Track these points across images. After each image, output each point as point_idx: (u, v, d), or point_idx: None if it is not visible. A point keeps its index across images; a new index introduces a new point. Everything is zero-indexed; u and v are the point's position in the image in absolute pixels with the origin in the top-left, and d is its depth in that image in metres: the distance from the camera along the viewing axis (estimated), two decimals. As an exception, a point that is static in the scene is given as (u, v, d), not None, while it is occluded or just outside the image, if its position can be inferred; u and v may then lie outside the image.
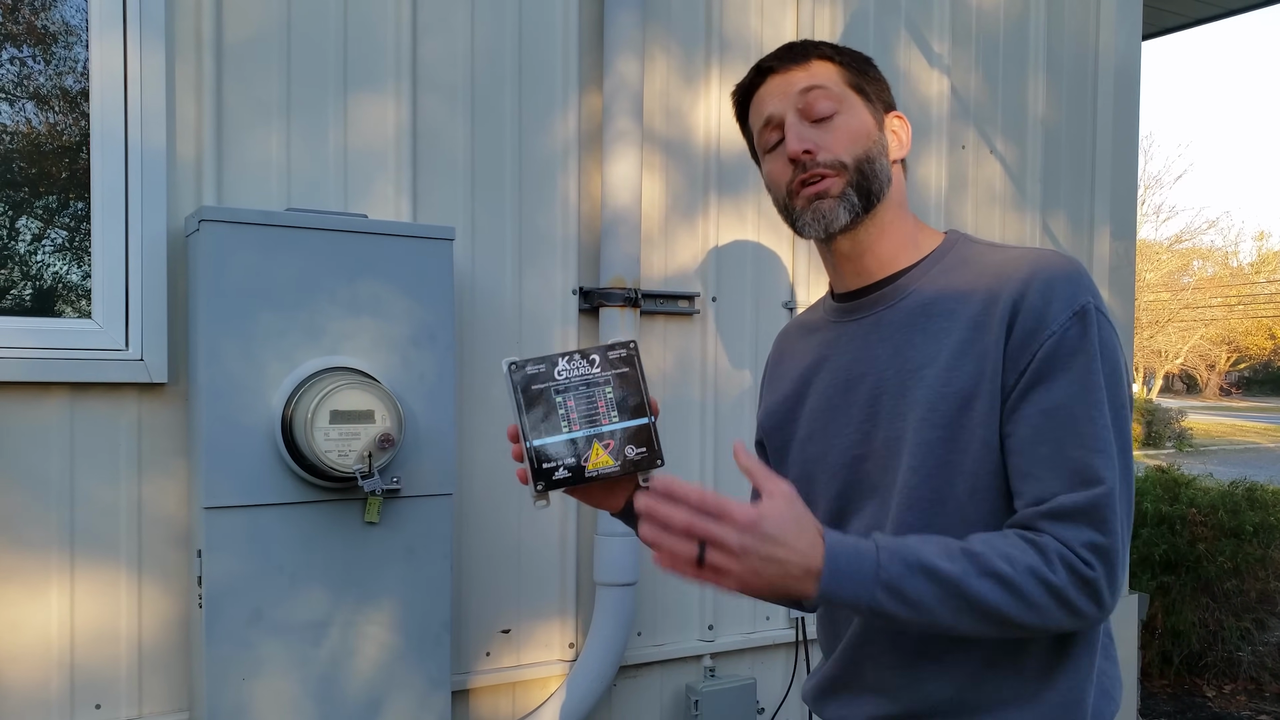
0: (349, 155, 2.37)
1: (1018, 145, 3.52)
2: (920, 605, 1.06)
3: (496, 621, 2.53)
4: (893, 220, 1.28)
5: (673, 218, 2.79)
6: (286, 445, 2.06)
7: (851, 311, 1.31)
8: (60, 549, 2.08)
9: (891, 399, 1.20)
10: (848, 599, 1.07)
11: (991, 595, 1.06)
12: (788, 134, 1.24)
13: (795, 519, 1.05)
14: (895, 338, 1.23)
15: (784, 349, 1.47)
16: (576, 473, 1.17)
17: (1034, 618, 1.08)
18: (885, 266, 1.28)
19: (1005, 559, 1.07)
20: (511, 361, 1.17)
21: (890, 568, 1.06)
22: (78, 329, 2.13)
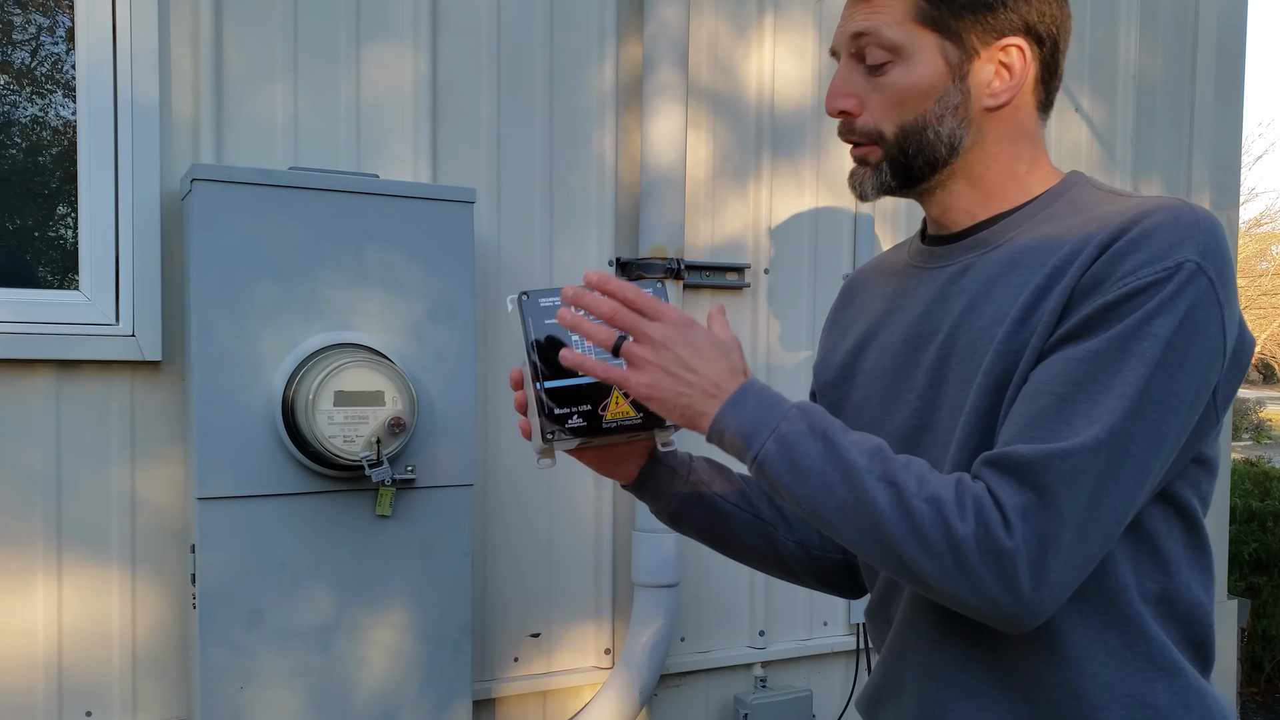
0: (362, 111, 2.20)
1: (1107, 102, 3.26)
2: (804, 475, 0.98)
3: (525, 625, 2.41)
4: (984, 173, 1.14)
5: (721, 181, 2.62)
6: (288, 430, 1.90)
7: (939, 257, 1.18)
8: (46, 543, 1.97)
9: (960, 362, 1.08)
10: (740, 435, 1.01)
11: (880, 502, 0.95)
12: (831, 82, 1.14)
13: (726, 349, 1.04)
14: (974, 290, 1.10)
15: (853, 291, 1.34)
16: (593, 422, 1.07)
17: (929, 564, 0.94)
18: (977, 215, 1.15)
19: (917, 478, 0.96)
20: (522, 294, 1.07)
21: (794, 423, 1.00)
22: (63, 301, 1.98)
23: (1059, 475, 0.91)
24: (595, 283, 1.04)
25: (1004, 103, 1.11)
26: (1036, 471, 0.92)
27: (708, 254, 2.59)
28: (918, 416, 1.13)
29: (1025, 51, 1.11)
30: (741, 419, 1.01)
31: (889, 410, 1.17)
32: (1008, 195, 1.13)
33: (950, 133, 1.10)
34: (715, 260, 2.60)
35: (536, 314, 1.08)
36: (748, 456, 1.01)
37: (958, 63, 1.09)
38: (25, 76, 2.05)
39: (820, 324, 2.72)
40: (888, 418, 1.17)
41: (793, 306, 2.72)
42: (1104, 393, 0.94)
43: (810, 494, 0.99)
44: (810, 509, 1.00)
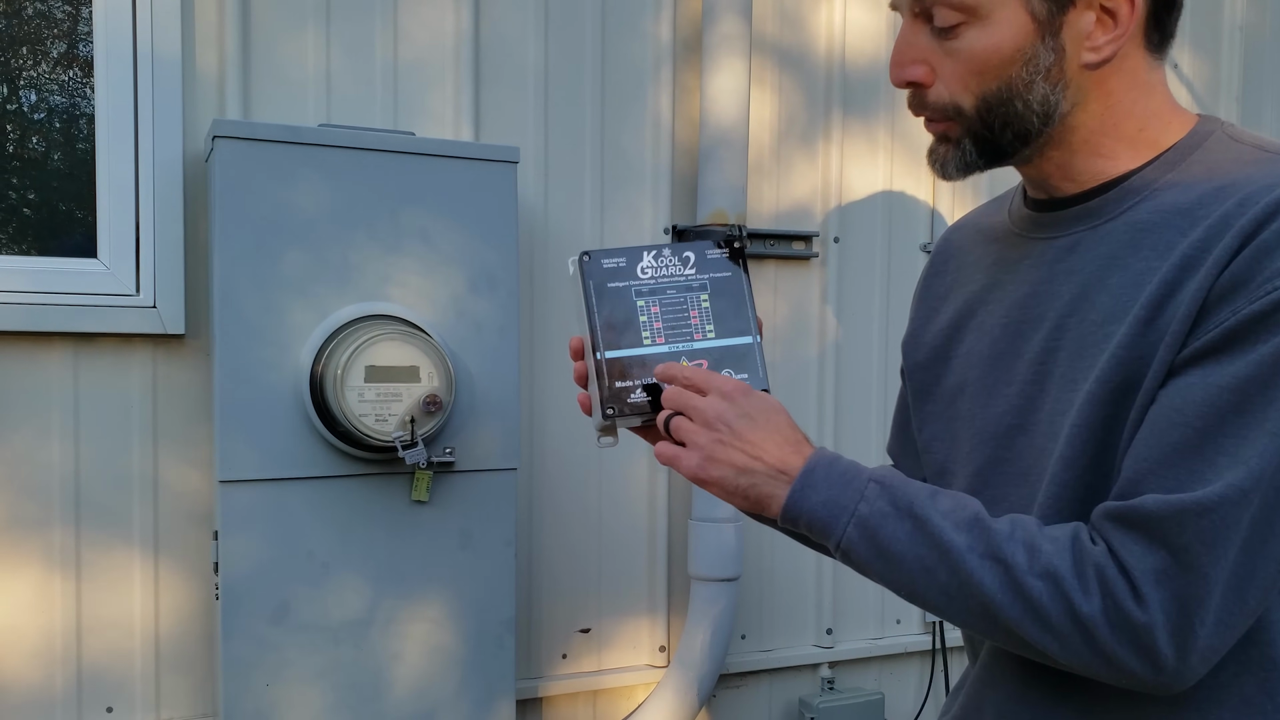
0: (399, 66, 2.09)
1: (1209, 58, 3.03)
2: (896, 562, 0.90)
3: (574, 619, 2.32)
4: (1086, 139, 0.98)
5: (787, 142, 2.49)
6: (316, 408, 1.80)
7: (1044, 226, 1.03)
8: (64, 529, 1.88)
9: (1068, 359, 0.95)
10: (816, 522, 0.93)
11: (988, 585, 0.87)
12: (895, 47, 0.99)
13: (786, 418, 0.97)
14: (1086, 273, 0.96)
15: (947, 255, 1.20)
16: (659, 397, 1.00)
17: (1055, 646, 0.85)
18: (1083, 183, 1.00)
19: (1027, 549, 0.86)
20: (584, 254, 1.02)
21: (874, 502, 0.91)
22: (80, 270, 1.88)
23: (1197, 534, 0.81)
24: (659, 375, 1.00)
25: (1108, 56, 0.95)
26: (1169, 530, 0.82)
27: (772, 221, 2.46)
28: (1015, 415, 1.01)
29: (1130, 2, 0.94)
30: (814, 505, 0.93)
31: (984, 404, 1.05)
32: (1119, 158, 0.98)
33: (1043, 99, 0.95)
34: (780, 228, 2.47)
35: (599, 276, 1.02)
36: (829, 543, 0.94)
37: (1047, 17, 0.94)
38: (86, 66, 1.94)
39: (894, 298, 2.61)
40: (981, 412, 1.05)
41: (864, 280, 2.59)
42: (1253, 427, 0.82)
43: (907, 580, 0.91)
44: (909, 595, 0.92)
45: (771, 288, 2.47)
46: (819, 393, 2.53)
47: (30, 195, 1.92)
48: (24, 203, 1.93)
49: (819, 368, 2.53)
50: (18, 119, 1.93)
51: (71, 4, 1.94)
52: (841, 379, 2.55)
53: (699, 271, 1.04)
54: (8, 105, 1.93)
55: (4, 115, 1.93)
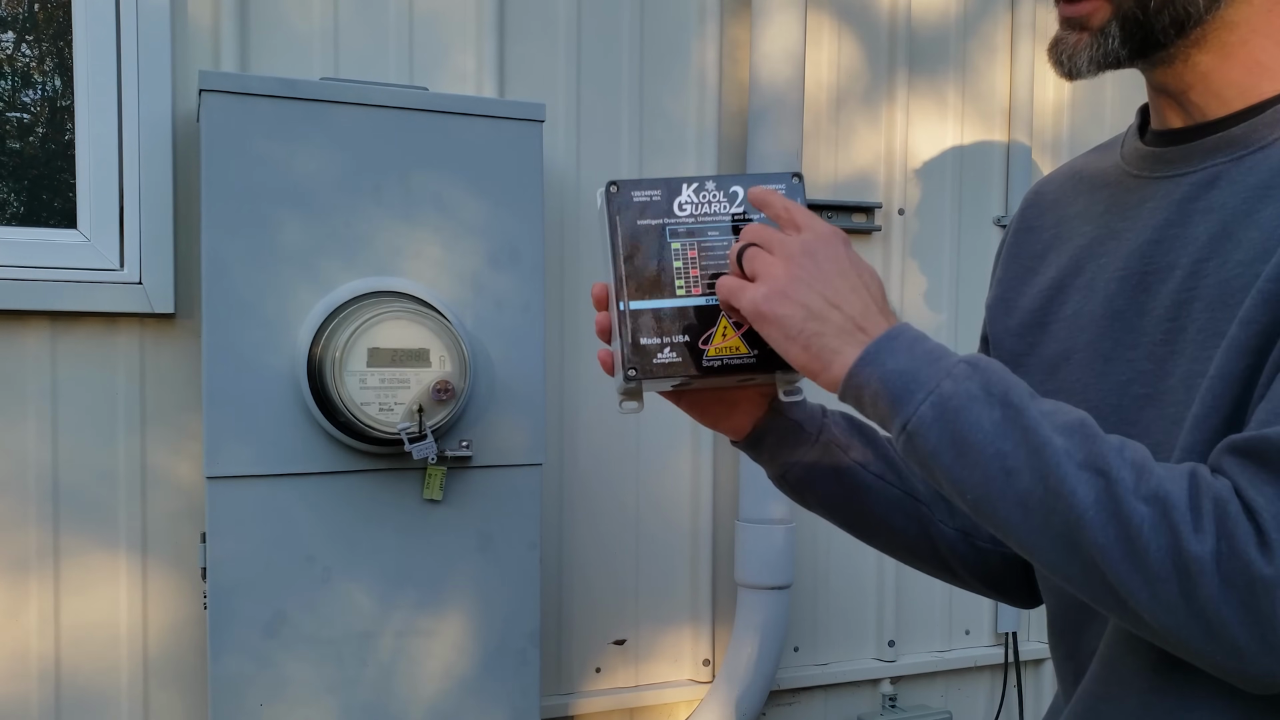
0: (415, 15, 1.98)
1: None
2: (972, 452, 0.78)
3: (608, 630, 2.24)
4: (1246, 39, 0.89)
5: (847, 103, 2.39)
6: (314, 395, 1.68)
7: (1170, 162, 0.93)
8: (41, 527, 1.78)
9: (1207, 310, 0.85)
10: (885, 392, 0.80)
11: (1081, 496, 0.74)
12: None
13: (876, 280, 0.87)
14: (1229, 209, 0.86)
15: (1042, 208, 1.09)
16: (690, 359, 0.90)
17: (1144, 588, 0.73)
18: (1231, 102, 0.90)
19: (1135, 468, 0.75)
20: (611, 183, 0.91)
21: (962, 382, 0.79)
22: (58, 242, 1.76)
23: None
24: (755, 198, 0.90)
25: None
26: None
27: (830, 191, 2.37)
28: (1142, 382, 0.90)
29: None
30: (888, 371, 0.80)
31: (1100, 372, 0.95)
32: (1271, 77, 0.89)
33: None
34: (839, 199, 2.38)
35: (629, 212, 0.91)
36: (895, 421, 0.81)
37: None
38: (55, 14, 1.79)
39: (964, 274, 2.52)
40: (1096, 382, 0.95)
41: (933, 255, 2.49)
42: None
43: (980, 478, 0.78)
44: (978, 500, 0.79)
45: None
46: None
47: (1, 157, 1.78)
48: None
49: None
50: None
51: None
52: None
53: (748, 210, 0.92)
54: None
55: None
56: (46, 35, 1.80)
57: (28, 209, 1.79)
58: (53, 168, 1.79)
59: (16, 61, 1.80)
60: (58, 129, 1.79)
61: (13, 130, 1.79)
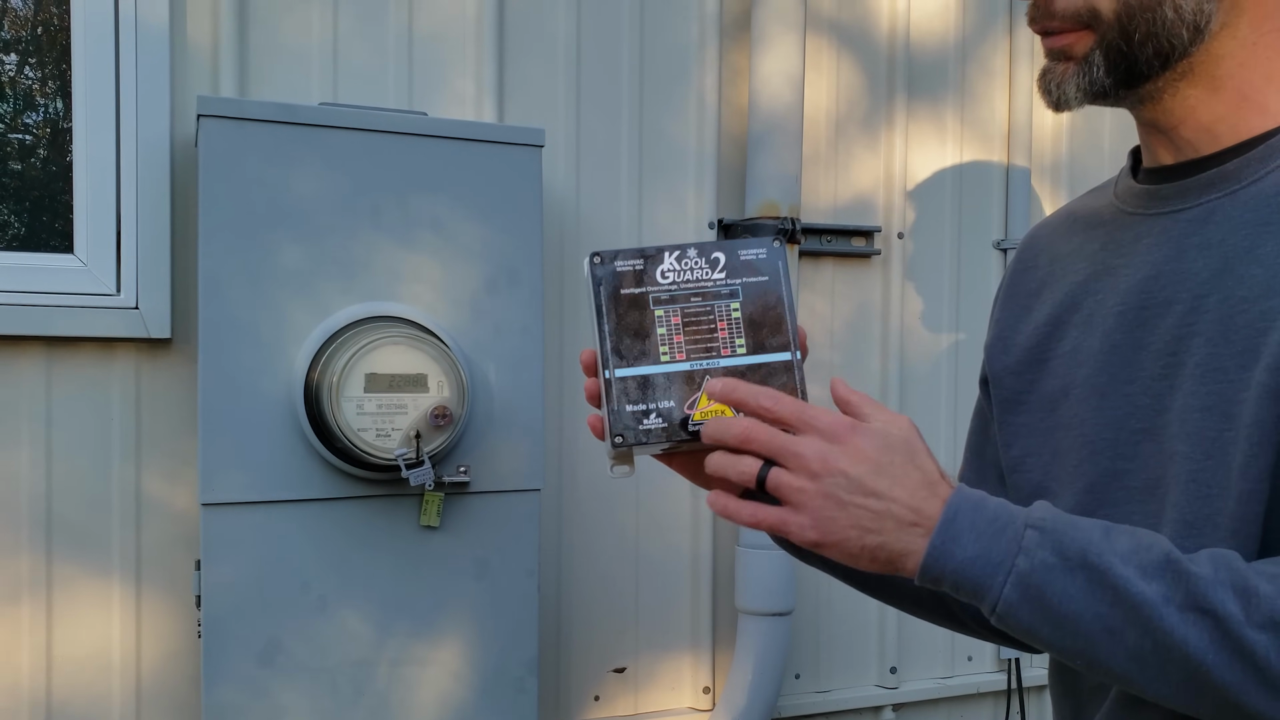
0: (415, 39, 1.97)
1: None
2: (1069, 625, 0.77)
3: (608, 657, 2.21)
4: (1234, 72, 0.89)
5: (846, 128, 2.38)
6: (311, 421, 1.66)
7: (1165, 199, 0.93)
8: (34, 553, 1.76)
9: (1209, 345, 0.85)
10: (964, 582, 0.79)
11: (1193, 644, 0.74)
12: None
13: (909, 447, 0.83)
14: (1231, 243, 0.86)
15: (1037, 249, 1.10)
16: (675, 425, 0.91)
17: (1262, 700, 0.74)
18: (1221, 137, 0.90)
19: (1240, 592, 0.74)
20: (595, 254, 0.93)
21: (1036, 553, 0.78)
22: (55, 267, 1.75)
23: None
24: (717, 394, 0.87)
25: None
26: None
27: (829, 215, 2.36)
28: (1139, 417, 0.90)
29: None
30: (960, 562, 0.79)
31: (1096, 408, 0.95)
32: (1269, 107, 0.88)
33: (1196, 7, 0.87)
34: (838, 222, 2.36)
35: (612, 281, 0.93)
36: (983, 607, 0.80)
37: None
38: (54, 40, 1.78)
39: (965, 299, 2.50)
40: (1094, 417, 0.95)
41: (932, 279, 2.47)
42: None
43: (1085, 646, 0.78)
44: (1089, 663, 0.79)
45: (829, 288, 2.34)
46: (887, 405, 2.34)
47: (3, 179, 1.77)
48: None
49: (882, 378, 2.40)
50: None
51: None
52: (907, 390, 2.43)
53: (730, 276, 0.93)
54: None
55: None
56: (50, 58, 1.79)
57: (29, 230, 1.78)
58: (53, 189, 1.78)
59: (19, 84, 1.79)
60: (60, 151, 1.78)
61: (14, 152, 1.78)
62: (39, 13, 1.77)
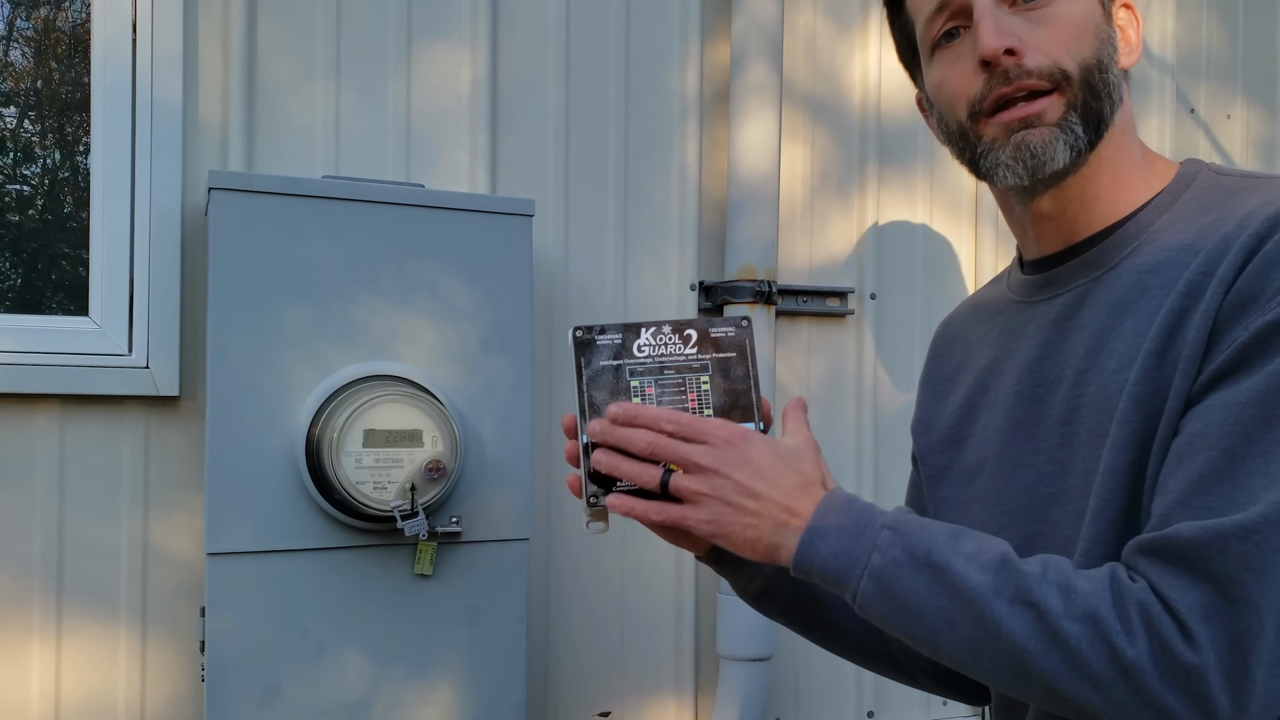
0: (412, 116, 2.03)
1: (1266, 108, 2.92)
2: (916, 614, 0.85)
3: (594, 701, 2.20)
4: (1115, 154, 0.97)
5: (820, 194, 2.41)
6: (312, 474, 1.70)
7: (1046, 286, 1.02)
8: (44, 600, 1.79)
9: (1093, 413, 0.92)
10: (829, 576, 0.89)
11: (1018, 633, 0.81)
12: (981, 23, 0.93)
13: (794, 459, 0.92)
14: (1099, 322, 0.95)
15: (950, 338, 1.18)
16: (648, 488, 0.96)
17: (1096, 696, 0.79)
18: (1097, 219, 0.98)
19: (1061, 590, 0.81)
20: (577, 328, 0.99)
21: (888, 551, 0.86)
22: (70, 329, 1.81)
23: (1242, 560, 0.76)
24: (622, 417, 0.93)
25: (1134, 62, 1.00)
26: (1211, 558, 0.77)
27: (805, 277, 2.38)
28: (1046, 484, 0.97)
29: (1136, 15, 1.01)
30: (825, 556, 0.89)
31: (1007, 478, 1.01)
32: (1131, 189, 0.97)
33: (1116, 81, 0.95)
34: (813, 284, 2.38)
35: (592, 354, 0.99)
36: (845, 596, 0.89)
37: (1104, 6, 0.97)
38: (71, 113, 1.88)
39: None
40: (1007, 487, 1.01)
41: (903, 338, 2.48)
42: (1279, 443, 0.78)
43: (928, 635, 0.86)
44: (934, 650, 0.86)
45: (805, 347, 2.37)
46: (856, 458, 2.41)
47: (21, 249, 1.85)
48: (13, 258, 1.86)
49: (856, 432, 2.42)
50: (6, 170, 1.87)
51: (68, 48, 1.89)
52: (881, 443, 2.44)
53: (700, 351, 1.00)
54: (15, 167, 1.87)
55: (8, 176, 1.87)
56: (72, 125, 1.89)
57: (42, 298, 1.85)
58: (67, 260, 1.86)
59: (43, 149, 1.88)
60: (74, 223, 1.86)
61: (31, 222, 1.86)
62: (60, 85, 1.88)
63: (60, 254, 1.88)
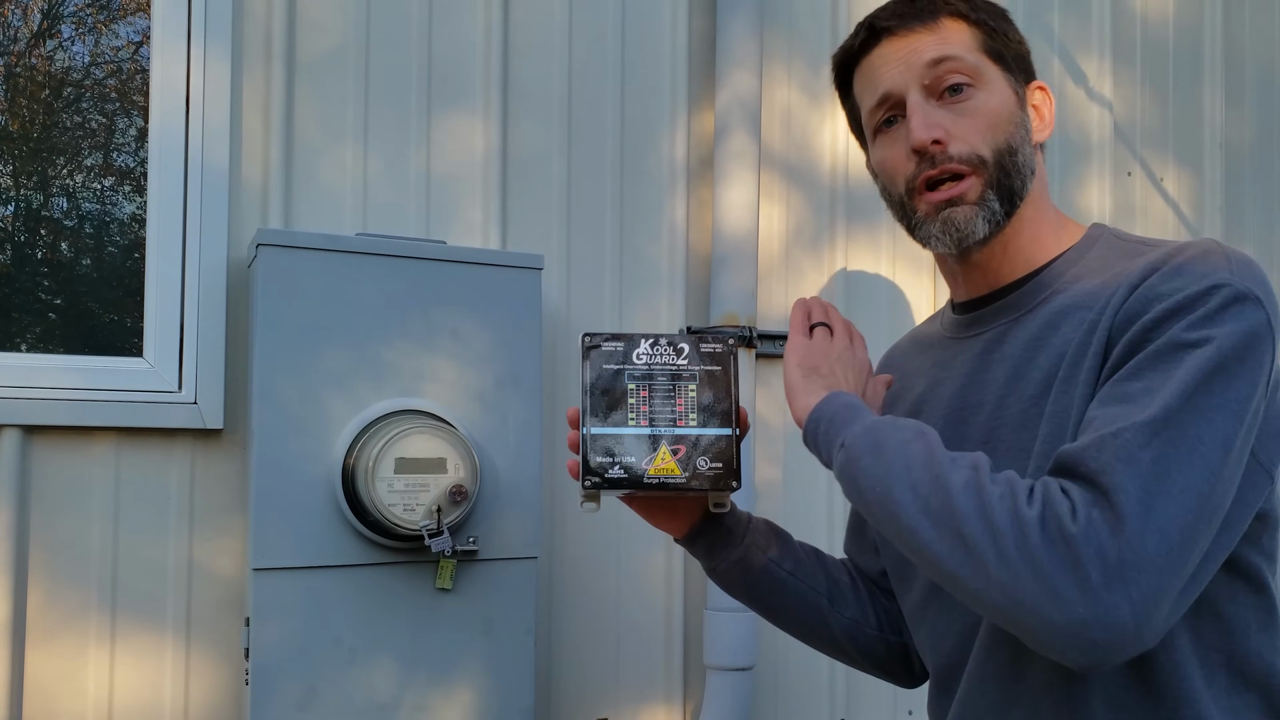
0: (432, 179, 2.20)
1: (1194, 172, 3.15)
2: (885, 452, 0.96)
3: (592, 708, 2.30)
4: (1032, 216, 1.11)
5: (795, 249, 2.58)
6: (347, 498, 1.85)
7: (973, 324, 1.16)
8: (100, 611, 1.92)
9: (1012, 432, 1.04)
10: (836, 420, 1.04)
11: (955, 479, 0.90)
12: (912, 118, 1.06)
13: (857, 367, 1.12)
14: (1017, 356, 1.07)
15: (893, 366, 1.31)
16: (634, 475, 1.08)
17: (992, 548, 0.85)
18: (1018, 269, 1.12)
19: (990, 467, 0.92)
20: (587, 334, 1.11)
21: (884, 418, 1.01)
22: (127, 369, 1.96)
23: (1113, 453, 0.85)
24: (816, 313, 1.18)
25: (1048, 137, 1.13)
26: (1091, 457, 0.87)
27: (781, 323, 2.52)
28: None
29: (1050, 96, 1.13)
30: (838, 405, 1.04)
31: None
32: (1045, 245, 1.11)
33: (1028, 159, 1.08)
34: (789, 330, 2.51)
35: (598, 358, 1.10)
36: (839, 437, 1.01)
37: (1017, 88, 1.10)
38: (127, 176, 2.08)
39: None
40: None
41: None
42: (1158, 389, 0.88)
43: (884, 472, 0.94)
44: (881, 494, 0.94)
45: (782, 387, 2.50)
46: (829, 484, 2.56)
47: (84, 299, 2.02)
48: (76, 305, 2.03)
49: None
50: (73, 229, 2.05)
51: (127, 116, 2.08)
52: None
53: (690, 363, 1.10)
54: (65, 217, 2.05)
55: (62, 226, 2.05)
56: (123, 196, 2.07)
57: (102, 341, 2.01)
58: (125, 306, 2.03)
59: (98, 217, 2.06)
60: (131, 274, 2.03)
61: (93, 274, 2.04)
62: (119, 150, 2.07)
63: (117, 302, 2.05)
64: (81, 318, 2.04)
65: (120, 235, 2.09)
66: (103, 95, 2.10)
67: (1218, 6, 3.20)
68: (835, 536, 2.54)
